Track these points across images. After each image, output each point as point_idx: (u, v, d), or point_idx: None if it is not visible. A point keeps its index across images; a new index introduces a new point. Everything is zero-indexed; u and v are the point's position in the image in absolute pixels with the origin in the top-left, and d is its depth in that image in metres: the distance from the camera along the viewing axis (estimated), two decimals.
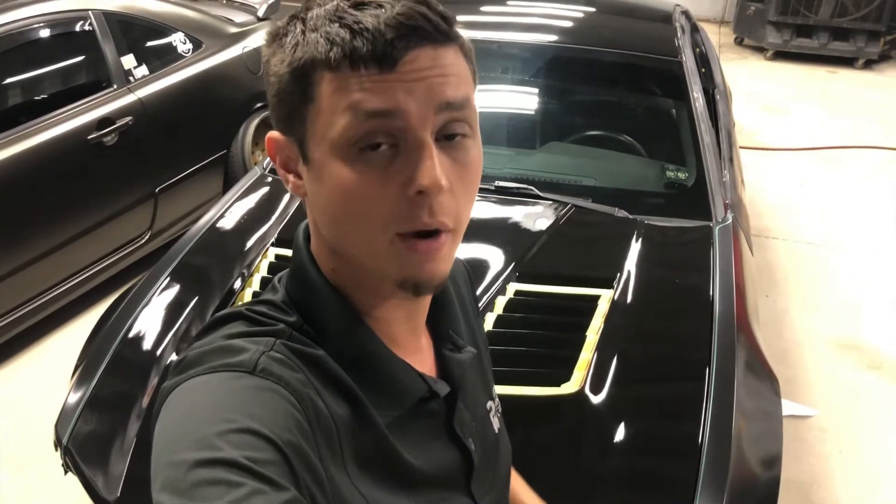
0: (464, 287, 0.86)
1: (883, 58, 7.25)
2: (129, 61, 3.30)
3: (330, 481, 0.59)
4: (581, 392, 1.62)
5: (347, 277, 0.67)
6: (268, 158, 2.57)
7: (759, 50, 7.56)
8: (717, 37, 7.93)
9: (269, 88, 0.63)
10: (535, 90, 2.79)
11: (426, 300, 0.72)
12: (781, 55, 7.36)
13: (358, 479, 0.63)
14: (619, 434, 1.54)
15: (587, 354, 1.70)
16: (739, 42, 7.87)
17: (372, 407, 0.65)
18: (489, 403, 0.83)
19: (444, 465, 0.72)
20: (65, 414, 1.71)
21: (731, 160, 2.65)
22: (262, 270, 2.02)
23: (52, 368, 2.86)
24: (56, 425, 1.70)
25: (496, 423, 0.83)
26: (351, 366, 0.65)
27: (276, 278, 0.72)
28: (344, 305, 0.67)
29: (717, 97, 3.05)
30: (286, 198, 2.34)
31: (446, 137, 0.60)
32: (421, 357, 0.73)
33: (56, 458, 1.69)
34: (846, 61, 7.16)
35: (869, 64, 7.17)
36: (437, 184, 0.57)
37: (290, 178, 0.66)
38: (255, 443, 0.53)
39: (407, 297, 0.66)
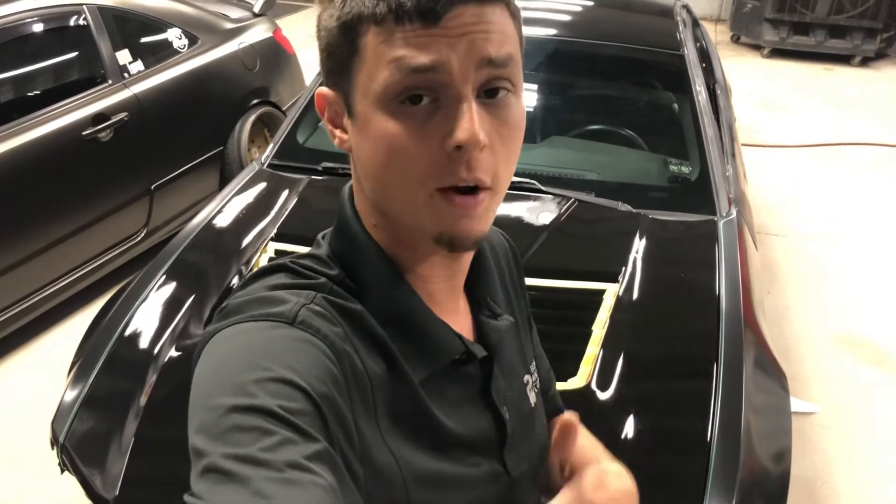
0: (504, 262, 0.86)
1: (879, 55, 7.27)
2: (124, 57, 3.27)
3: (359, 436, 0.60)
4: (588, 387, 1.60)
5: (388, 233, 0.67)
6: (265, 154, 2.55)
7: (756, 48, 7.57)
8: (713, 35, 7.91)
9: (319, 43, 0.65)
10: (537, 84, 2.76)
11: (466, 262, 0.73)
12: (778, 53, 7.37)
13: (390, 435, 0.63)
14: (628, 429, 1.52)
15: (593, 349, 1.68)
16: (736, 40, 7.87)
17: (406, 364, 0.66)
18: (526, 377, 0.83)
19: (477, 430, 0.72)
20: (61, 412, 1.68)
21: (733, 155, 2.63)
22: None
23: (46, 367, 2.83)
24: (52, 423, 1.67)
25: (532, 398, 0.83)
26: (388, 321, 0.66)
27: (320, 235, 0.74)
28: (385, 260, 0.68)
29: (718, 92, 3.04)
30: (285, 193, 2.30)
31: (488, 94, 0.60)
32: (458, 319, 0.73)
33: (51, 456, 1.66)
34: (843, 59, 7.16)
35: (866, 61, 7.18)
36: (476, 138, 0.58)
37: (337, 132, 0.67)
38: (290, 392, 0.54)
39: (445, 254, 0.67)
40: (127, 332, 1.85)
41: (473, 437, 0.71)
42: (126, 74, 3.25)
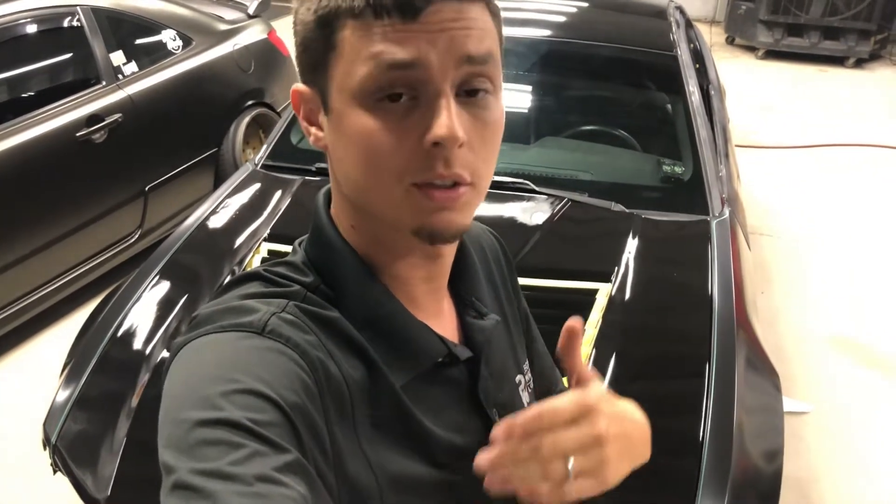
0: (493, 261, 0.85)
1: (873, 57, 7.29)
2: (118, 58, 3.26)
3: (333, 445, 0.59)
4: None
5: (366, 233, 0.67)
6: (259, 154, 2.54)
7: (751, 49, 7.58)
8: (708, 36, 7.92)
9: (296, 38, 0.63)
10: (531, 85, 2.77)
11: (446, 262, 0.72)
12: (772, 54, 7.38)
13: (370, 442, 0.62)
14: None
15: (586, 349, 1.68)
16: (731, 41, 7.89)
17: (387, 368, 0.64)
18: (518, 377, 0.82)
19: (464, 434, 0.70)
20: (53, 413, 1.68)
21: (726, 155, 2.63)
22: (254, 266, 1.98)
23: (39, 369, 2.82)
24: (44, 424, 1.67)
25: (525, 398, 0.82)
26: (367, 326, 0.65)
27: (297, 242, 0.73)
28: (361, 264, 0.67)
29: (712, 93, 3.04)
30: (278, 193, 2.30)
31: (468, 93, 0.60)
32: (442, 321, 0.72)
33: (43, 457, 1.66)
34: (837, 60, 7.18)
35: (860, 63, 7.20)
36: (454, 135, 0.57)
37: (313, 130, 0.66)
38: (258, 404, 0.53)
39: (424, 254, 0.67)
40: (119, 333, 1.85)
41: (460, 441, 0.69)
42: (120, 76, 3.24)
